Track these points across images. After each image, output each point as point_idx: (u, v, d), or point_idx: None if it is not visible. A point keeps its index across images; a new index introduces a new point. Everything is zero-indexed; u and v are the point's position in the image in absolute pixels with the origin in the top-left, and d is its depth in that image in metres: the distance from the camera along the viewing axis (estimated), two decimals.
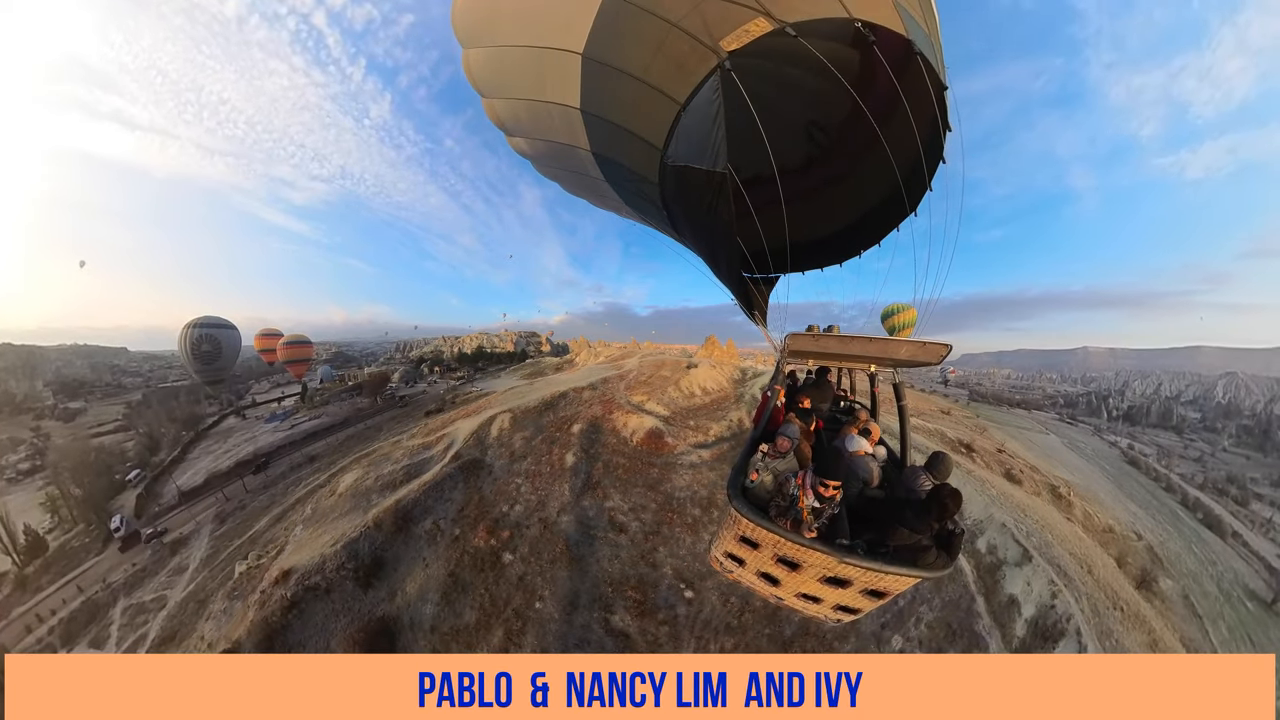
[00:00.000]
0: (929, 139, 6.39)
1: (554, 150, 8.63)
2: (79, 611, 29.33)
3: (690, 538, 24.04)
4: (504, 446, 32.24)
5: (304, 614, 19.31)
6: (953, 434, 45.90)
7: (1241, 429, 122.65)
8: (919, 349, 5.22)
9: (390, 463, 32.30)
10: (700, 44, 5.36)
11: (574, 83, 6.41)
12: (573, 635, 18.62)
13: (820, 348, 5.79)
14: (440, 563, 21.75)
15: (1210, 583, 35.56)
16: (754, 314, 8.27)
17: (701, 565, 21.67)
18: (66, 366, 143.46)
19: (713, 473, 30.13)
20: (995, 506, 27.18)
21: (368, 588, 20.33)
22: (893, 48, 5.52)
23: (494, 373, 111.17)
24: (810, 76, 6.50)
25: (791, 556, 4.40)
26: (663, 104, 5.97)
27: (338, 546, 21.78)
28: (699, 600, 20.35)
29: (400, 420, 65.62)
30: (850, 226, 8.64)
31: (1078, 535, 29.23)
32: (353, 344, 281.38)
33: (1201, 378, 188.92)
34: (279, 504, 39.23)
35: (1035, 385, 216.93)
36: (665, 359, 61.81)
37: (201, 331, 67.96)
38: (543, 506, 25.68)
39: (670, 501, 26.78)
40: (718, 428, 36.69)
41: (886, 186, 7.30)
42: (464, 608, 19.69)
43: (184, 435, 67.31)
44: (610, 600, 20.16)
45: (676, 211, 7.68)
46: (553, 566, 21.48)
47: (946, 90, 6.03)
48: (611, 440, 33.39)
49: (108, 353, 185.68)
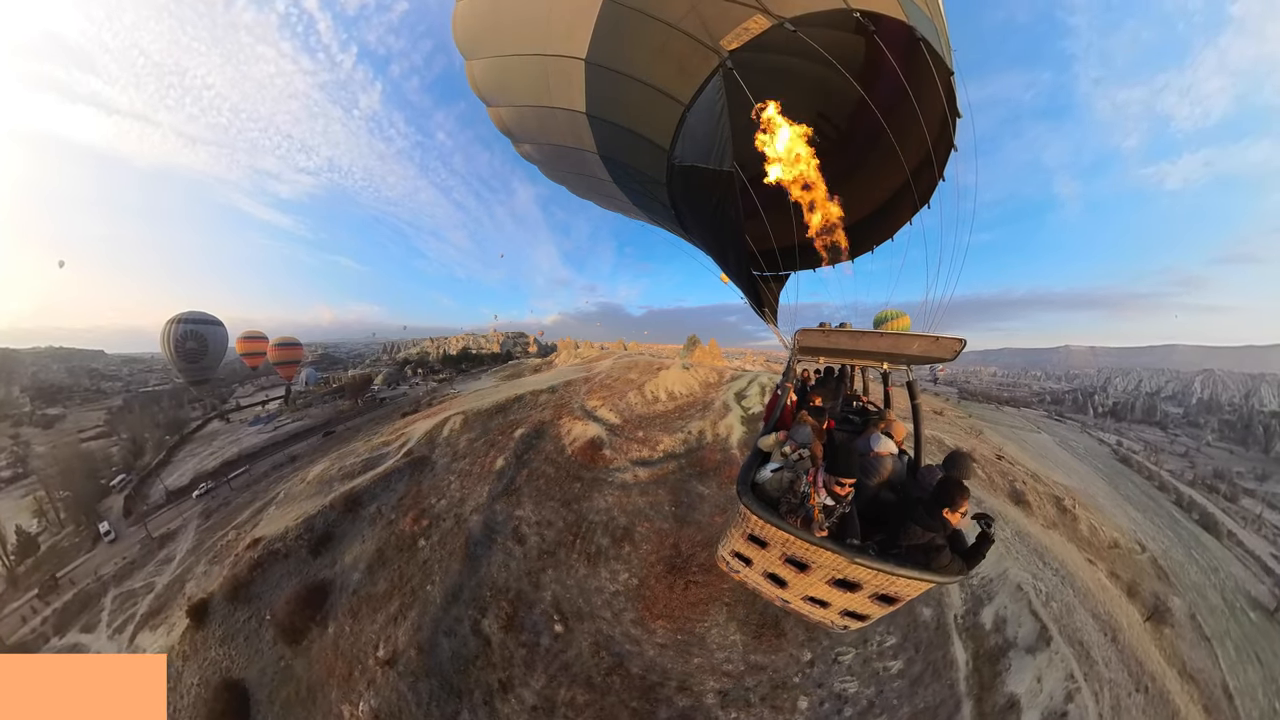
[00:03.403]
0: (938, 127, 6.25)
1: (562, 154, 8.70)
2: (71, 602, 31.39)
3: (585, 569, 22.71)
4: (450, 446, 34.07)
5: (265, 572, 23.14)
6: (950, 440, 44.08)
7: (1223, 424, 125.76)
8: (931, 344, 5.16)
9: (354, 456, 34.96)
10: (701, 44, 5.41)
11: (579, 88, 6.46)
12: (445, 622, 19.71)
13: (831, 343, 5.77)
14: (373, 541, 25.20)
15: (1214, 594, 35.10)
16: (764, 312, 8.23)
17: (584, 604, 20.77)
18: (42, 371, 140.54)
19: (643, 498, 27.65)
20: (1010, 557, 22.60)
21: (317, 555, 24.01)
22: (895, 35, 5.47)
23: (476, 374, 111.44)
24: (814, 71, 6.48)
25: (800, 556, 4.31)
26: (667, 105, 6.00)
27: (299, 521, 25.57)
28: (568, 639, 19.35)
29: (379, 422, 66.26)
30: (862, 221, 8.48)
31: (1100, 584, 25.25)
32: (339, 345, 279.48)
33: (1179, 374, 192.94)
34: (260, 499, 40.63)
35: (1021, 383, 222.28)
36: (638, 360, 60.73)
37: (186, 328, 63.76)
38: (462, 504, 27.03)
39: (580, 523, 25.57)
40: (669, 441, 33.75)
41: (898, 179, 7.23)
42: (380, 579, 22.34)
43: (168, 440, 66.87)
44: (486, 604, 20.67)
45: (685, 211, 7.69)
46: (451, 559, 22.90)
47: (953, 75, 5.86)
48: (549, 447, 32.86)
49: (85, 355, 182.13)
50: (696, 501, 27.31)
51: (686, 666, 18.38)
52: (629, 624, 20.03)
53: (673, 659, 18.71)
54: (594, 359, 77.16)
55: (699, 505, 27.00)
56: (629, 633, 19.66)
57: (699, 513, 26.38)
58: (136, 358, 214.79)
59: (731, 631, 19.57)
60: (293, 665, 19.31)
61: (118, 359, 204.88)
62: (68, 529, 44.39)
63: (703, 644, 19.23)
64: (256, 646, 20.29)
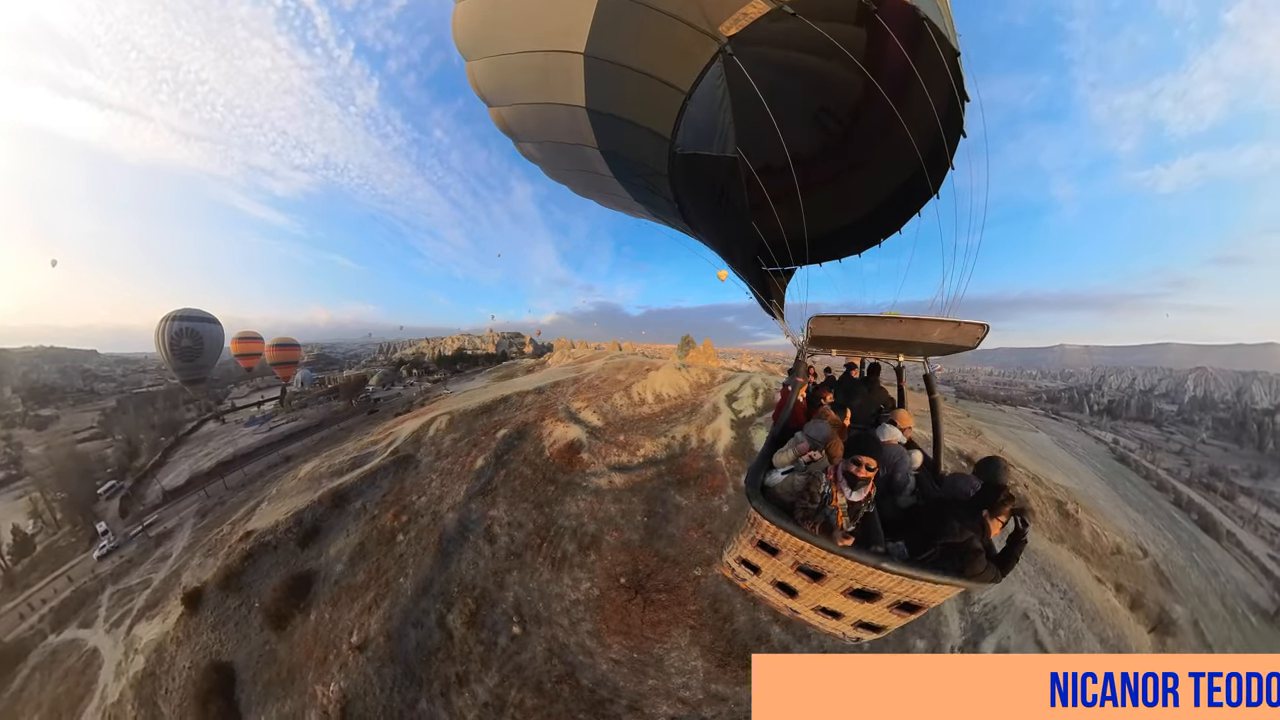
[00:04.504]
0: (946, 112, 6.09)
1: (563, 151, 8.73)
2: (69, 600, 32.47)
3: (548, 574, 22.73)
4: (434, 445, 34.81)
5: (256, 563, 24.51)
6: (951, 443, 41.77)
7: (1217, 421, 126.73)
8: (953, 330, 4.83)
9: (343, 455, 35.95)
10: (700, 32, 5.34)
11: (578, 82, 6.43)
12: (414, 614, 20.39)
13: (846, 331, 5.48)
14: (356, 534, 25.85)
15: (1215, 599, 34.96)
16: (772, 302, 8.02)
17: (544, 608, 20.84)
18: (33, 371, 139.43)
19: (616, 506, 27.12)
20: (1016, 580, 21.69)
21: (304, 547, 25.40)
22: (899, 16, 5.36)
23: (470, 375, 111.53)
24: (818, 56, 6.42)
25: (816, 565, 3.99)
26: (668, 95, 5.96)
27: (289, 515, 26.95)
28: (523, 641, 19.44)
29: (372, 422, 66.43)
30: (869, 213, 8.31)
31: (1109, 605, 24.62)
32: (335, 345, 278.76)
33: (1172, 372, 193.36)
34: (255, 498, 41.68)
35: (1017, 381, 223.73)
36: (629, 361, 60.43)
37: (182, 325, 63.09)
38: (440, 501, 27.66)
39: (549, 527, 25.52)
40: (650, 446, 32.89)
41: (905, 168, 7.01)
42: (359, 570, 23.45)
43: (163, 441, 66.67)
44: (453, 599, 21.11)
45: (688, 203, 7.63)
46: (424, 554, 23.58)
47: (959, 56, 5.69)
48: (528, 449, 32.80)
49: (76, 355, 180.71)
50: (672, 513, 26.33)
51: (640, 687, 17.86)
52: (585, 634, 19.83)
53: (626, 677, 18.25)
54: (585, 359, 76.69)
55: (673, 517, 25.94)
56: (584, 644, 19.46)
57: (672, 525, 25.33)
58: (129, 358, 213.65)
59: (693, 657, 18.88)
60: (276, 649, 20.24)
61: (110, 359, 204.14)
62: (64, 529, 44.92)
63: (660, 666, 18.64)
64: (245, 631, 21.27)
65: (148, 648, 22.22)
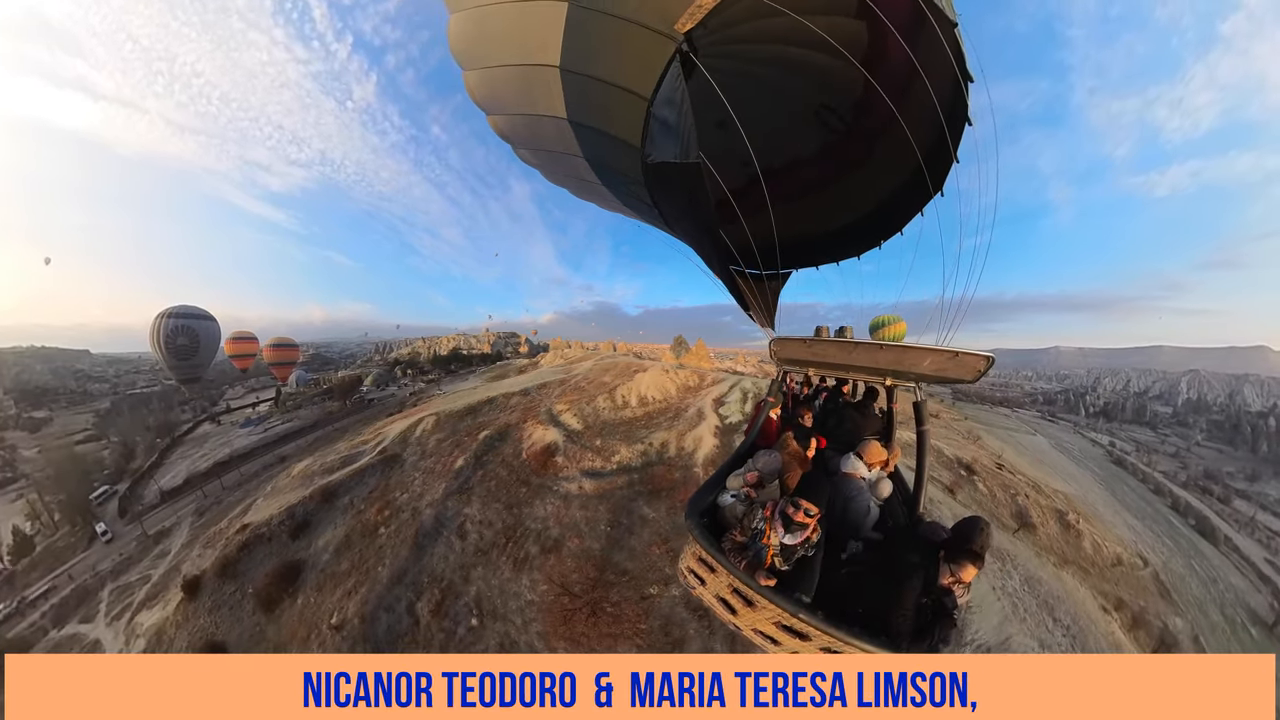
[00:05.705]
0: (949, 97, 5.49)
1: (555, 160, 8.82)
2: (69, 597, 33.80)
3: (510, 572, 23.22)
4: (420, 445, 36.12)
5: (251, 553, 26.59)
6: (950, 450, 40.84)
7: (1212, 424, 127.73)
8: (948, 360, 4.23)
9: (335, 454, 37.70)
10: (656, 33, 5.14)
11: (558, 95, 6.45)
12: (386, 600, 21.78)
13: (816, 355, 4.96)
14: (343, 528, 27.61)
15: (1214, 609, 34.69)
16: (750, 312, 7.64)
17: (500, 605, 21.38)
18: (25, 372, 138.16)
19: (582, 512, 27.36)
20: (1016, 620, 19.80)
21: (295, 539, 27.44)
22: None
23: (464, 375, 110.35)
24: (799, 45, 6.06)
25: (745, 594, 3.88)
26: (633, 103, 5.86)
27: (282, 510, 29.02)
28: (479, 633, 20.15)
29: (364, 422, 65.96)
30: (868, 214, 7.92)
31: (1115, 641, 22.99)
32: (332, 345, 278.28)
33: (1166, 374, 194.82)
34: (251, 496, 42.81)
35: (1014, 383, 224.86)
36: (618, 362, 60.03)
37: (177, 323, 61.71)
38: (420, 498, 29.14)
39: (516, 528, 26.05)
40: (626, 453, 32.72)
41: (905, 167, 6.55)
42: (344, 560, 25.14)
43: (159, 442, 66.52)
44: (423, 589, 22.29)
45: (665, 210, 7.56)
46: (402, 546, 25.03)
47: (957, 27, 4.97)
48: (507, 450, 33.44)
49: (69, 355, 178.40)
50: (637, 525, 25.81)
51: None
52: (534, 635, 20.15)
53: None
54: (576, 359, 76.45)
55: (638, 530, 25.41)
56: (532, 644, 19.80)
57: (636, 538, 24.79)
58: (123, 358, 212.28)
59: None
60: (266, 629, 21.80)
61: (103, 359, 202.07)
62: (63, 529, 45.49)
63: None
64: (238, 615, 22.85)
65: (148, 632, 23.86)
